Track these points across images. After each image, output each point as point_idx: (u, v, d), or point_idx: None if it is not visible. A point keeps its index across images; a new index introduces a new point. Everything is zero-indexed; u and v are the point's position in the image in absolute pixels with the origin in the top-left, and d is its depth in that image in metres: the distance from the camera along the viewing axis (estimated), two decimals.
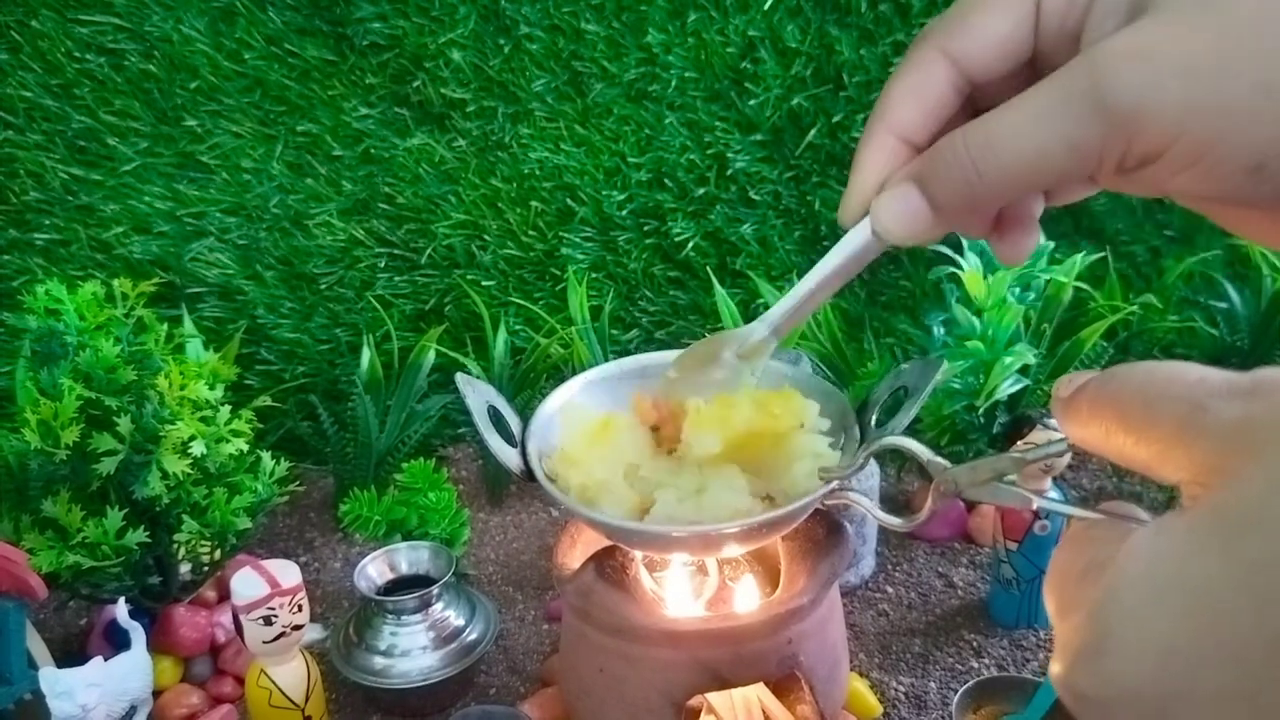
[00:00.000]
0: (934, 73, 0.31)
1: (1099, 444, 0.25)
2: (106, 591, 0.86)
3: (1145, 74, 0.25)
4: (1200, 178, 0.26)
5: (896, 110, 0.32)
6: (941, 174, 0.30)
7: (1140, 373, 0.23)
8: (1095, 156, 0.27)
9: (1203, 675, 0.19)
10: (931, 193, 0.31)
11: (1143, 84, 0.25)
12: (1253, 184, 0.26)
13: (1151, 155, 0.26)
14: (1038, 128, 0.27)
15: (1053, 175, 0.28)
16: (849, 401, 0.68)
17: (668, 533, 0.63)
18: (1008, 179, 0.28)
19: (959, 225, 0.33)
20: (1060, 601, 0.23)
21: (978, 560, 1.03)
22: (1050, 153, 0.27)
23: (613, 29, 1.18)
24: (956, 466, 0.40)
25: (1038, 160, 0.27)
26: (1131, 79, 0.25)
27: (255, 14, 1.11)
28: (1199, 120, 0.25)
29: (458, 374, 0.70)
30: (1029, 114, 0.28)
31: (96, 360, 0.80)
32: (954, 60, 0.30)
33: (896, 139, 0.32)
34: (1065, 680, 0.22)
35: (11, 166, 1.09)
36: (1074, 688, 0.21)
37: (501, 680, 0.91)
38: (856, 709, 0.82)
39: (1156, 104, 0.25)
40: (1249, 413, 0.21)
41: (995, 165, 0.28)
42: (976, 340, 1.00)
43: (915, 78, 0.31)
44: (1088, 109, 0.26)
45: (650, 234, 1.27)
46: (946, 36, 0.30)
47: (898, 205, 0.32)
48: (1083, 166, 0.27)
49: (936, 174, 0.30)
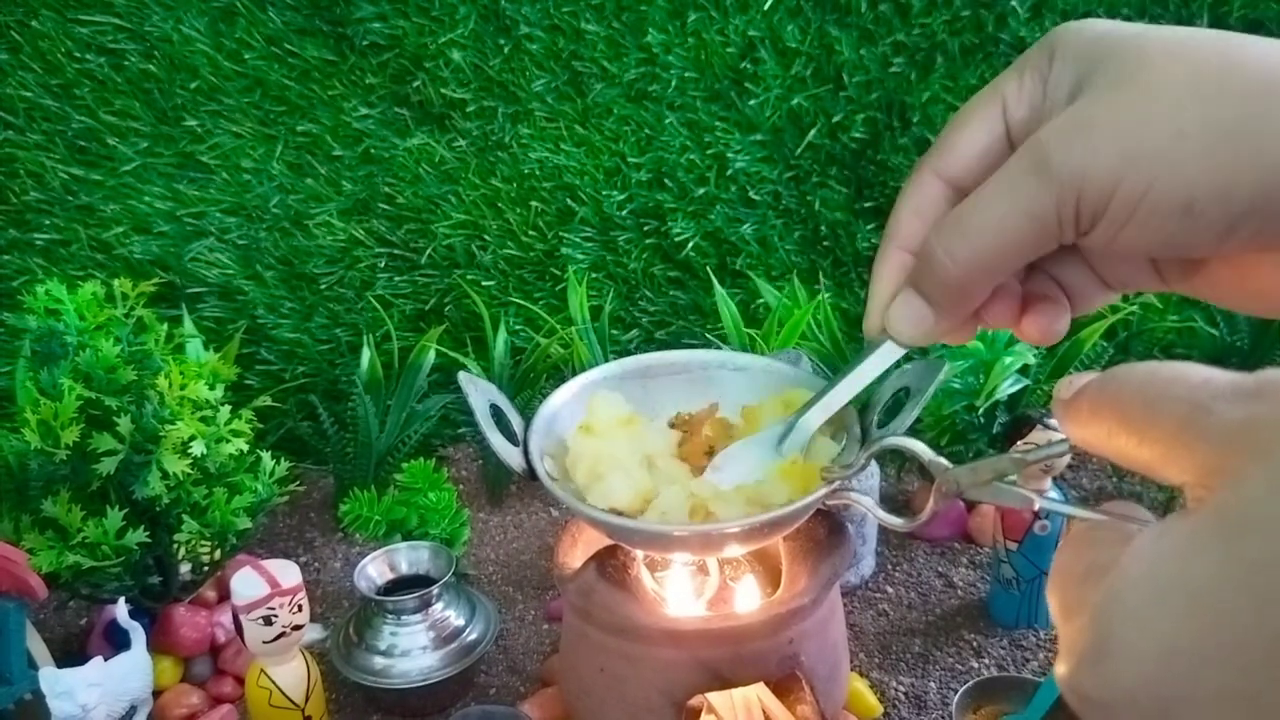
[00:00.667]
0: (929, 191, 0.35)
1: (1100, 445, 0.25)
2: (106, 591, 0.86)
3: (1082, 140, 0.29)
4: (1143, 225, 0.29)
5: (902, 228, 0.36)
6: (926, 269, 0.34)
7: (1143, 373, 0.23)
8: (1053, 220, 0.30)
9: (1205, 676, 0.19)
10: (925, 291, 0.34)
11: (1081, 149, 0.29)
12: (1189, 225, 0.28)
13: (1099, 209, 0.29)
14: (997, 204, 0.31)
15: (1019, 244, 0.31)
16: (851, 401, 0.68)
17: (668, 532, 0.63)
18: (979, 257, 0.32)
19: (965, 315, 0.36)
20: (1063, 603, 0.23)
21: (978, 560, 1.03)
22: (1012, 224, 0.31)
23: (613, 29, 1.18)
24: (958, 467, 0.40)
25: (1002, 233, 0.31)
26: (1071, 146, 0.29)
27: (255, 14, 1.11)
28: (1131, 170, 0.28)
29: (460, 373, 0.70)
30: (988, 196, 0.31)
31: (96, 360, 0.80)
32: (944, 177, 0.34)
33: (905, 253, 0.36)
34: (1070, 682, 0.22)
35: (11, 166, 1.09)
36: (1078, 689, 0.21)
37: (501, 680, 0.91)
38: (856, 709, 0.82)
39: (1094, 163, 0.29)
40: (1253, 414, 0.21)
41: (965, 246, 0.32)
42: (976, 340, 1.00)
43: (914, 199, 0.35)
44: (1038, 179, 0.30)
45: (650, 234, 1.27)
46: (936, 158, 0.35)
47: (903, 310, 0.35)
48: (1043, 231, 0.30)
49: (923, 271, 0.34)
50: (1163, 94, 0.28)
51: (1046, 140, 0.30)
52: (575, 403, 0.73)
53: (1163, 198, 0.28)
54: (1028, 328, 0.37)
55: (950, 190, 0.35)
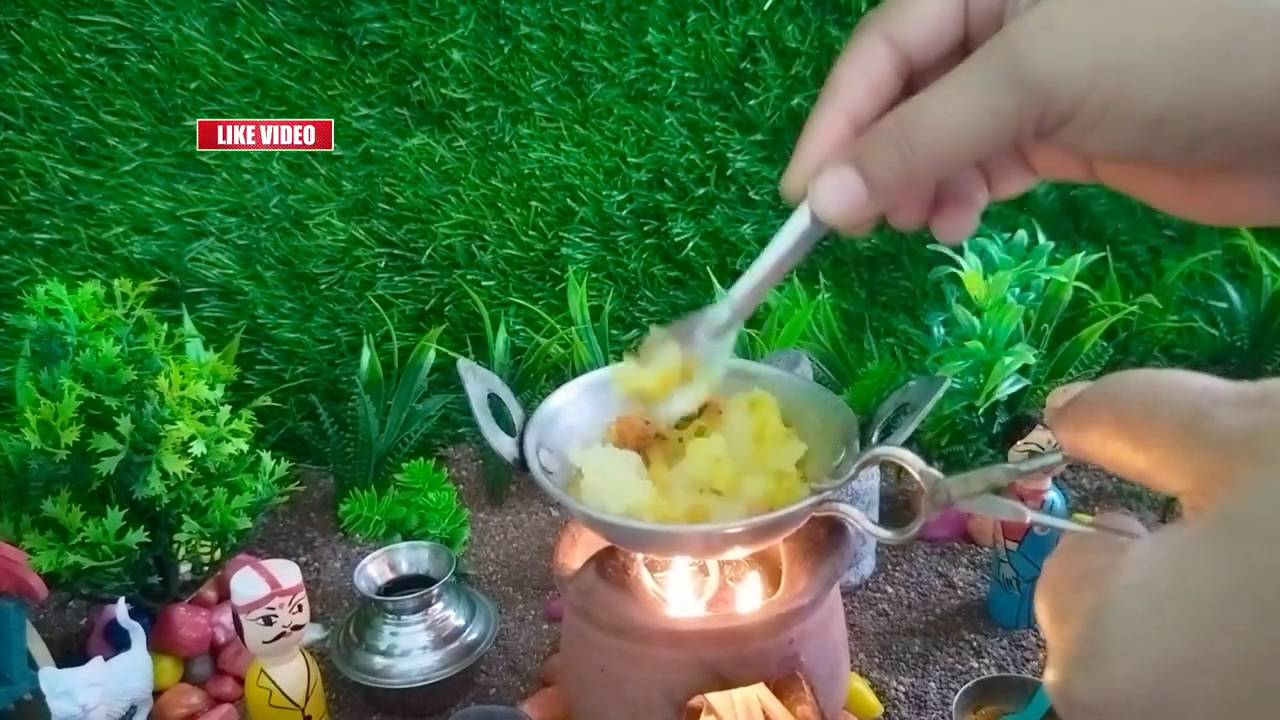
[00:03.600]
0: (876, 54, 0.33)
1: (1095, 451, 0.24)
2: (106, 591, 0.86)
3: (1054, 43, 0.28)
4: (1109, 134, 0.29)
5: (843, 90, 0.34)
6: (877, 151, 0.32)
7: (1141, 379, 0.23)
8: (1015, 121, 0.29)
9: (1202, 683, 0.19)
10: (867, 170, 0.32)
11: (1053, 53, 0.28)
12: (1156, 137, 0.28)
13: (1066, 116, 0.29)
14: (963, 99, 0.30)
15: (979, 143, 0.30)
16: (854, 415, 0.68)
17: (666, 531, 0.63)
18: (938, 150, 0.31)
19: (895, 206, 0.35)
20: (1054, 609, 0.23)
21: (978, 560, 1.03)
22: (975, 121, 0.30)
23: (613, 29, 1.18)
24: (949, 477, 0.40)
25: (964, 129, 0.30)
26: (1043, 49, 0.28)
27: (255, 14, 1.11)
28: (1105, 79, 0.28)
29: (459, 360, 0.70)
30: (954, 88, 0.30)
31: (96, 360, 0.80)
32: (893, 42, 0.33)
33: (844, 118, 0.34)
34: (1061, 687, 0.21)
35: (11, 166, 1.09)
36: (1070, 695, 0.21)
37: (501, 680, 0.91)
38: (857, 709, 0.82)
39: (1066, 69, 0.28)
40: (1258, 421, 0.20)
41: (925, 137, 0.31)
42: (976, 340, 1.00)
43: (859, 60, 0.33)
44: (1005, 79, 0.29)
45: (650, 234, 1.27)
46: (885, 21, 0.33)
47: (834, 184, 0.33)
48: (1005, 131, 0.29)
49: (872, 152, 0.32)
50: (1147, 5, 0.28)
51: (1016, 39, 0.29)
52: (578, 402, 0.73)
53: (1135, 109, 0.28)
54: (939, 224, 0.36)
55: (898, 57, 0.33)
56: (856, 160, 0.33)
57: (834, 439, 0.67)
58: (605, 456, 0.67)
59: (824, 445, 0.68)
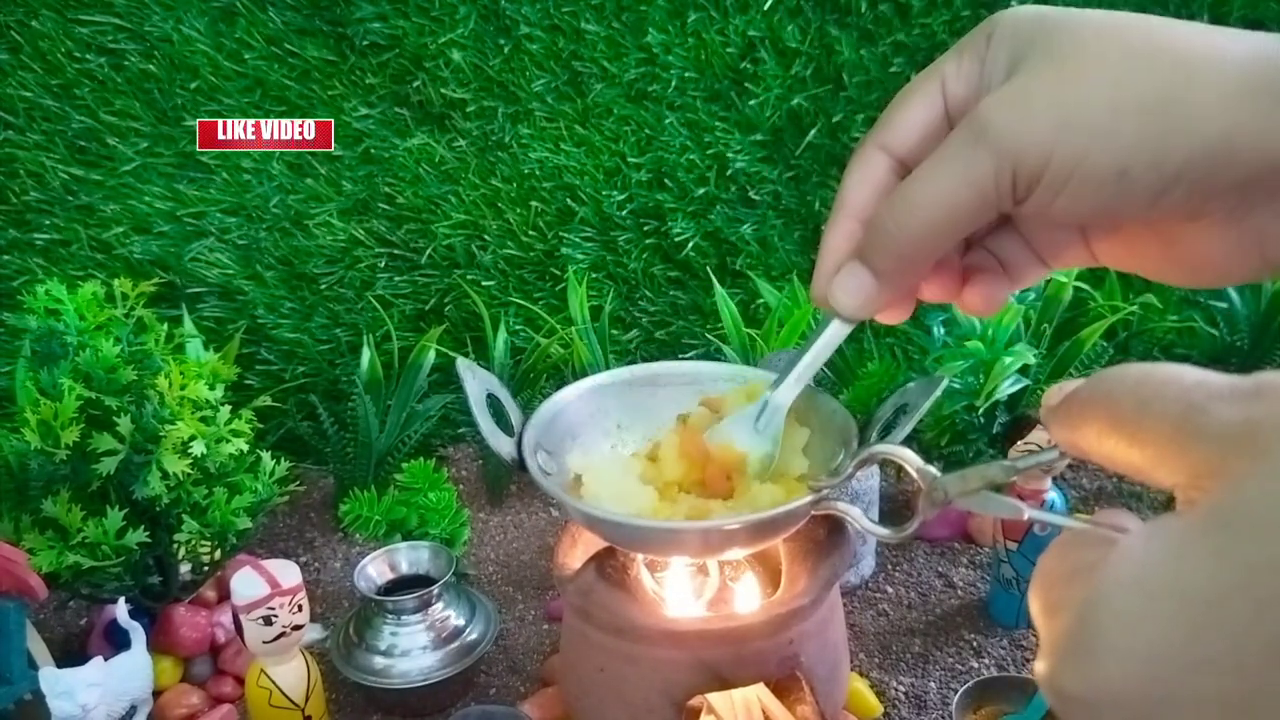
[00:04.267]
0: (874, 163, 0.36)
1: (1090, 448, 0.24)
2: (106, 591, 0.86)
3: (1018, 112, 0.31)
4: (1079, 189, 0.31)
5: (849, 198, 0.37)
6: (873, 240, 0.35)
7: (1136, 374, 0.23)
8: (992, 187, 0.32)
9: (1194, 678, 0.19)
10: (870, 261, 0.36)
11: (1017, 119, 0.31)
12: (1122, 189, 0.30)
13: (1036, 174, 0.31)
14: (941, 175, 0.33)
15: (962, 213, 0.33)
16: (853, 418, 0.68)
17: (666, 529, 0.63)
18: (926, 227, 0.33)
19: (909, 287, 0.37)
20: (1046, 601, 0.23)
21: (978, 560, 1.03)
22: (955, 193, 0.32)
23: (613, 29, 1.18)
24: (946, 475, 0.40)
25: (946, 203, 0.32)
26: (1009, 117, 0.31)
27: (255, 14, 1.11)
28: (1067, 137, 0.30)
29: (458, 359, 0.70)
30: (932, 168, 0.33)
31: (96, 360, 0.80)
32: (887, 150, 0.36)
33: (854, 222, 0.37)
34: (1050, 679, 0.21)
35: (11, 166, 1.09)
36: (1060, 688, 0.21)
37: (501, 680, 0.91)
38: (857, 709, 0.82)
39: (1030, 133, 0.31)
40: (1252, 415, 0.20)
41: (912, 217, 0.33)
42: (976, 340, 1.00)
43: (860, 171, 0.37)
44: (977, 150, 0.31)
45: (650, 234, 1.27)
46: (878, 133, 0.36)
47: (847, 283, 0.37)
48: (984, 199, 0.32)
49: (870, 242, 0.35)
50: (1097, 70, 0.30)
51: (984, 112, 0.31)
52: (579, 403, 0.73)
53: (1097, 165, 0.30)
54: (969, 298, 0.38)
55: (894, 163, 0.36)
56: (860, 254, 0.36)
57: (833, 440, 0.67)
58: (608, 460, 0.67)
59: (823, 446, 0.68)
